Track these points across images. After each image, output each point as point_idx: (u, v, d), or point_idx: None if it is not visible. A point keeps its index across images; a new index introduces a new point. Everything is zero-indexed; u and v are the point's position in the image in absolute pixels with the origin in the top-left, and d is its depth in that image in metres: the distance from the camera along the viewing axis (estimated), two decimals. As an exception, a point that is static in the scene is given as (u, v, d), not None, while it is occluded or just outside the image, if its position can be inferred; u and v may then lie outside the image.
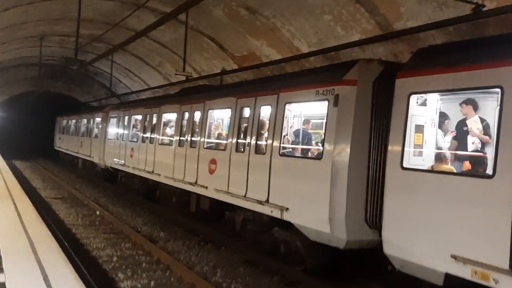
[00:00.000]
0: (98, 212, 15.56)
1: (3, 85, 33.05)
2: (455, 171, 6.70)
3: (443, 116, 7.36)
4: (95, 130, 24.79)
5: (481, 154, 6.59)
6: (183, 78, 17.84)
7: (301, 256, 9.24)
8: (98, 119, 24.26)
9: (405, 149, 6.79)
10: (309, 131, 10.06)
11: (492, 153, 5.87)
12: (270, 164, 9.44)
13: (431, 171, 6.74)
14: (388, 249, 6.91)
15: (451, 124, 7.31)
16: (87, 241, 11.66)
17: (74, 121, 30.97)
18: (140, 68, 24.58)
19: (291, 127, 10.17)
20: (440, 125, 7.36)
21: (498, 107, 5.73)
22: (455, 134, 7.13)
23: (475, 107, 6.86)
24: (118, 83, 29.00)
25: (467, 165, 6.73)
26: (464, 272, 5.72)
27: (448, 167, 6.83)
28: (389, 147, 7.04)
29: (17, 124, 41.34)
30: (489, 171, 5.90)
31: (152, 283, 8.72)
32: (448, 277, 6.00)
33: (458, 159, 6.94)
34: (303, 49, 12.94)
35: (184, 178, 13.28)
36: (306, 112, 10.20)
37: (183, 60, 15.35)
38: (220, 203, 11.55)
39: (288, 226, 9.12)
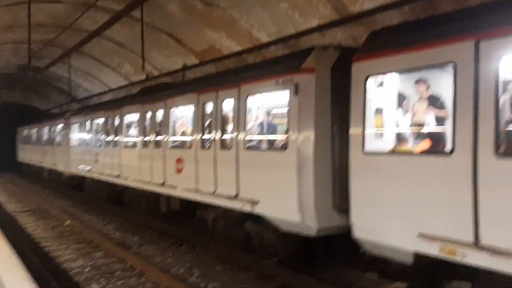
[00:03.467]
0: (67, 222, 15.13)
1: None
2: (416, 150, 6.70)
3: (401, 97, 7.31)
4: (58, 138, 24.32)
5: (439, 131, 6.59)
6: (143, 77, 17.53)
7: (274, 247, 9.24)
8: (59, 126, 23.87)
9: (366, 133, 6.80)
10: (273, 122, 10.00)
11: (450, 129, 5.89)
12: (237, 159, 9.37)
13: (392, 152, 6.77)
14: (357, 233, 6.96)
15: (410, 104, 7.27)
16: (58, 254, 11.29)
17: (35, 130, 30.29)
18: (99, 70, 24.01)
19: (255, 119, 10.05)
20: (399, 106, 7.31)
21: (453, 83, 5.74)
22: (414, 114, 7.07)
23: (428, 86, 6.87)
24: (78, 87, 28.25)
25: (426, 144, 6.74)
26: (432, 249, 5.78)
27: (409, 147, 6.85)
28: (351, 132, 7.03)
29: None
30: (448, 148, 5.92)
31: (128, 290, 8.52)
32: (417, 255, 6.08)
33: (418, 138, 6.93)
34: (263, 39, 12.79)
35: (152, 180, 13.11)
36: (269, 103, 10.08)
37: (142, 58, 15.02)
38: (191, 202, 11.41)
39: (260, 219, 9.10)
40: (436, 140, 6.56)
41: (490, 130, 5.20)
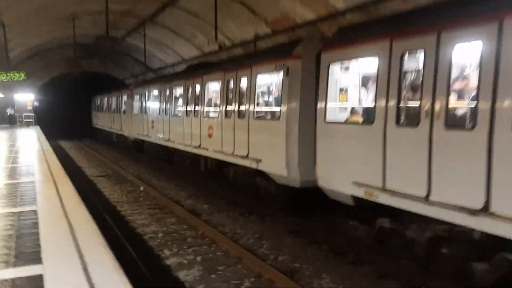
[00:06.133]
0: (141, 188, 15.64)
1: (42, 68, 33.57)
2: (360, 121, 8.45)
3: (362, 79, 9.05)
4: (124, 107, 27.16)
5: (369, 106, 8.16)
6: (216, 47, 17.55)
7: (275, 197, 11.32)
8: (125, 97, 26.63)
9: (327, 107, 8.82)
10: (273, 97, 11.85)
11: (373, 105, 7.69)
12: (248, 126, 11.54)
13: (341, 122, 8.80)
14: (320, 183, 9.05)
15: (363, 86, 9.12)
16: (132, 218, 11.69)
17: (106, 99, 33.20)
18: (173, 41, 24.30)
19: (261, 94, 12.12)
20: (359, 86, 9.12)
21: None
22: (365, 93, 8.87)
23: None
24: (152, 57, 28.86)
25: (363, 116, 8.50)
26: (360, 193, 7.80)
27: (356, 118, 8.66)
28: (318, 106, 9.08)
29: (58, 106, 42.22)
30: (372, 119, 7.68)
31: (199, 258, 8.61)
32: (353, 198, 8.16)
33: (361, 111, 8.71)
34: (338, 6, 12.25)
35: (191, 143, 15.54)
36: (271, 82, 11.93)
37: (215, 28, 14.95)
38: (221, 161, 13.53)
39: (266, 175, 11.11)
40: (368, 113, 8.13)
41: (394, 106, 7.09)
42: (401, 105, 7.07)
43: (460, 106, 6.47)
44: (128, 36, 25.10)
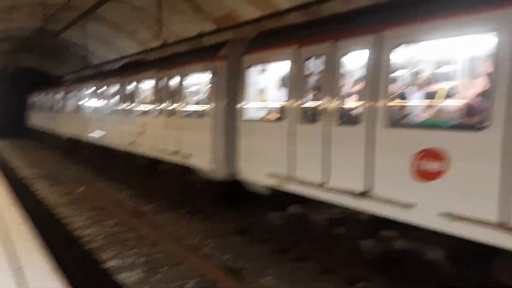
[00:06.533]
0: (81, 188, 15.08)
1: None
2: (273, 119, 9.14)
3: (276, 80, 9.61)
4: (58, 104, 26.48)
5: (280, 106, 8.92)
6: (159, 44, 17.24)
7: (205, 191, 11.66)
8: (60, 94, 26.01)
9: (246, 105, 9.59)
10: (202, 95, 12.33)
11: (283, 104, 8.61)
12: (179, 124, 12.04)
13: (257, 120, 9.49)
14: (240, 175, 9.76)
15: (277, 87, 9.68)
16: (70, 220, 11.22)
17: (40, 97, 32.08)
18: (116, 36, 23.63)
19: (191, 93, 12.63)
20: (273, 87, 9.70)
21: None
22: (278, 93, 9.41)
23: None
24: (93, 52, 27.94)
25: (276, 114, 9.14)
26: (273, 183, 8.64)
27: (270, 116, 9.35)
28: (238, 105, 9.78)
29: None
30: (281, 117, 8.61)
31: (140, 260, 8.38)
32: (268, 188, 8.96)
33: (274, 110, 9.33)
34: (283, 6, 12.31)
35: (125, 141, 15.75)
36: (200, 81, 12.40)
37: (159, 25, 14.67)
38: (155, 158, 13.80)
39: (195, 170, 11.52)
40: (280, 112, 8.88)
41: (299, 105, 8.03)
42: (305, 104, 8.01)
43: (348, 105, 7.44)
44: (67, 30, 24.14)
